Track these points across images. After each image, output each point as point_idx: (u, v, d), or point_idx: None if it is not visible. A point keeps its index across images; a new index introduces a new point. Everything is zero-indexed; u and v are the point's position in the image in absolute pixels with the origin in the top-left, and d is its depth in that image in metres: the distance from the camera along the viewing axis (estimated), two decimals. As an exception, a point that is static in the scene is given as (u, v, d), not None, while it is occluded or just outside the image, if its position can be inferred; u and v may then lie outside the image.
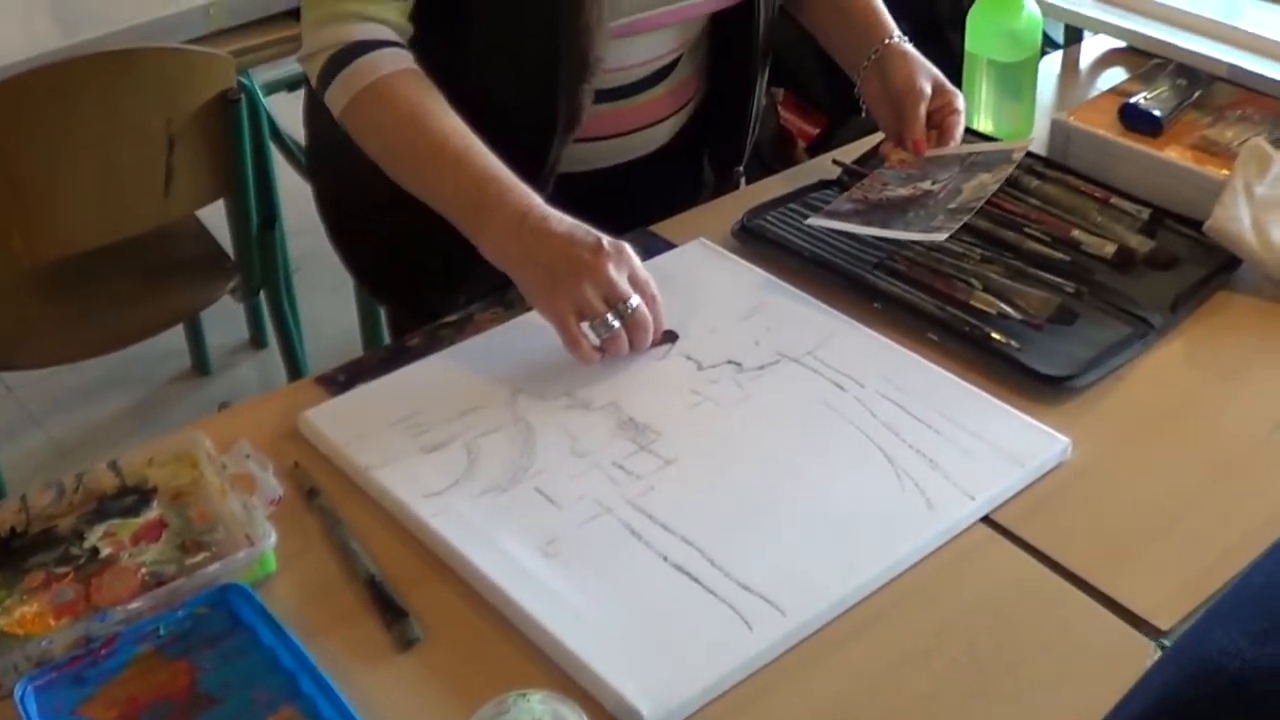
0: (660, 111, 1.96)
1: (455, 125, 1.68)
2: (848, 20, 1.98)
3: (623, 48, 1.83)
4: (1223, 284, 1.76)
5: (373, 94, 1.69)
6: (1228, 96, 2.04)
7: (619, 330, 1.55)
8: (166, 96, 2.41)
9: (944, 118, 1.86)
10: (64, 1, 2.68)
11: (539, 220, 1.59)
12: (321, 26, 1.73)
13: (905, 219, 1.73)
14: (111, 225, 2.53)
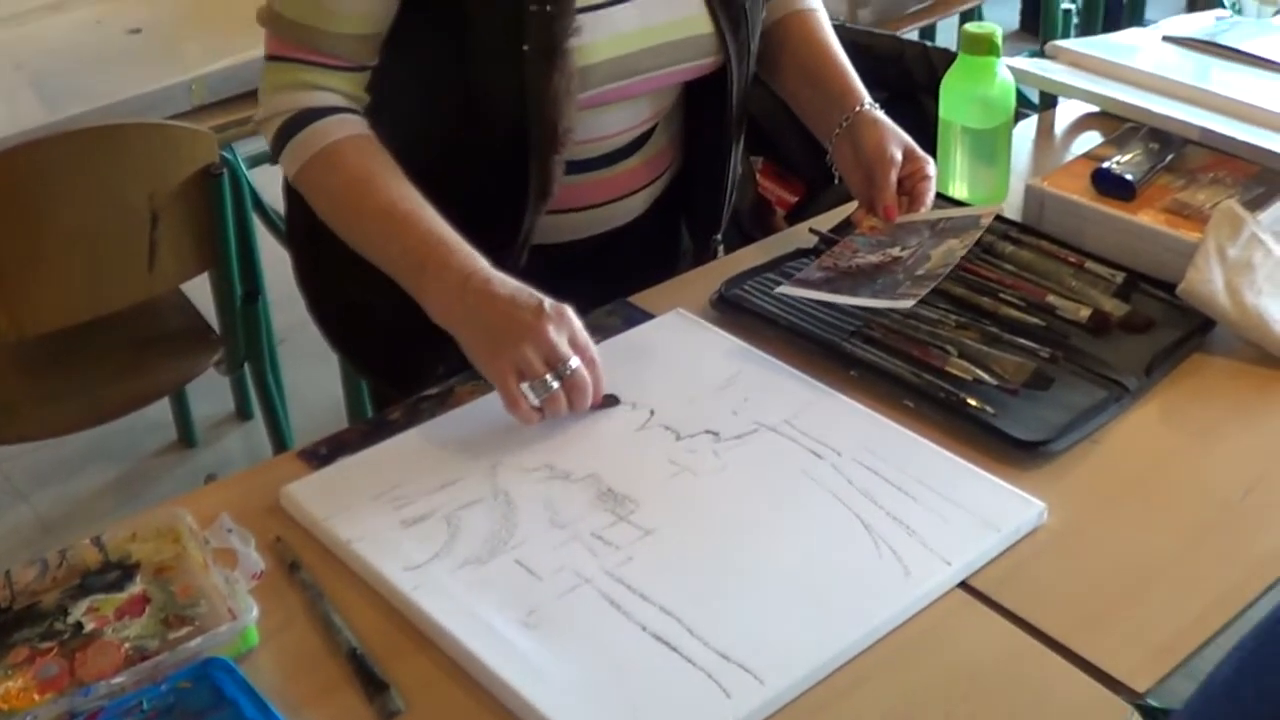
0: (636, 182, 1.98)
1: (403, 189, 1.72)
2: (820, 88, 1.99)
3: (595, 118, 1.85)
4: (1197, 346, 1.77)
5: (323, 159, 1.74)
6: (1200, 160, 2.05)
7: (558, 391, 1.58)
8: (150, 172, 2.43)
9: (915, 184, 1.87)
10: (48, 78, 2.69)
11: (482, 282, 1.62)
12: (276, 92, 1.77)
13: (873, 286, 1.75)
14: (96, 300, 2.54)
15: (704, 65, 1.89)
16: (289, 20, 1.75)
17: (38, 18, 2.93)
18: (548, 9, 1.71)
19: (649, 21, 1.82)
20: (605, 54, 1.78)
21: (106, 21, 2.88)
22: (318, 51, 1.75)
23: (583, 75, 1.77)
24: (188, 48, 2.75)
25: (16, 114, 2.59)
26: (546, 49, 1.72)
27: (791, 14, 2.05)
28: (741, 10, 1.88)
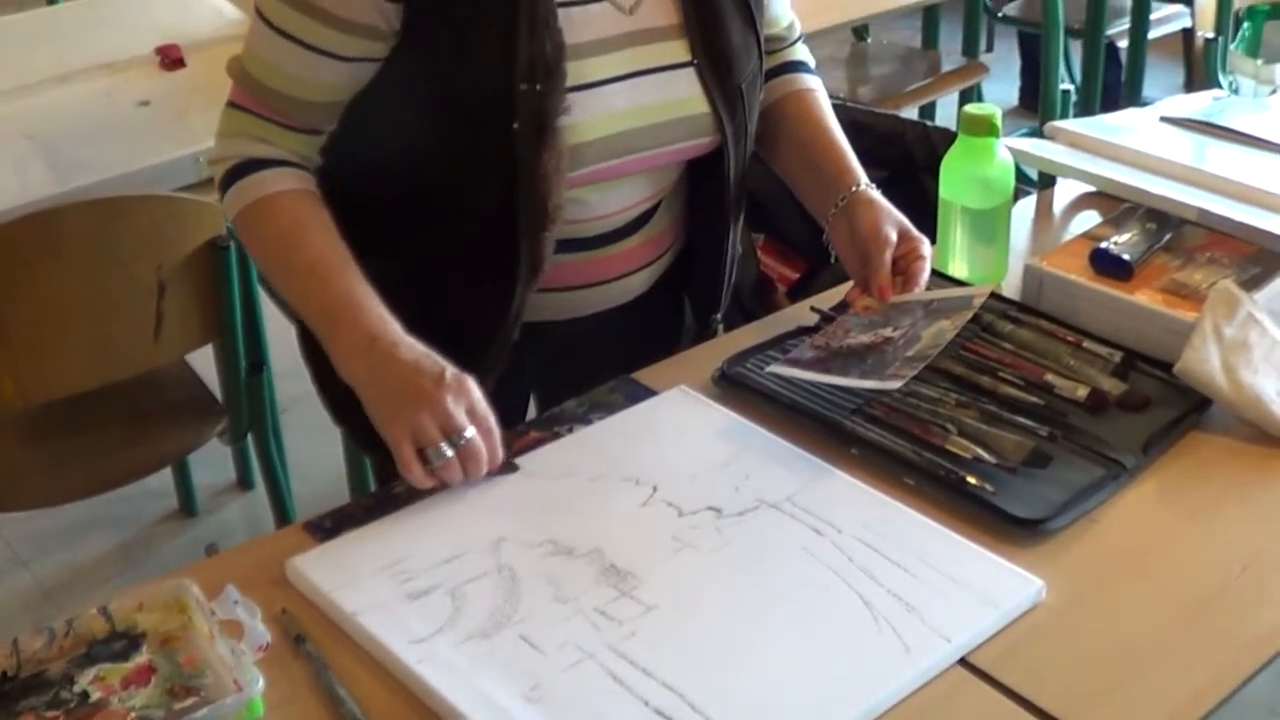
0: (636, 261, 1.99)
1: (330, 245, 1.76)
2: (816, 168, 2.01)
3: (593, 197, 1.87)
4: (1194, 425, 1.79)
5: (259, 208, 1.78)
6: (1197, 239, 2.08)
7: (452, 459, 1.61)
8: (157, 243, 2.44)
9: (909, 264, 1.87)
10: (57, 149, 2.71)
11: (389, 345, 1.66)
12: (229, 137, 1.82)
13: (863, 367, 1.76)
14: (101, 369, 2.55)
15: (701, 145, 1.91)
16: (252, 76, 1.80)
17: (48, 89, 2.95)
18: (537, 87, 1.73)
19: (642, 101, 1.83)
20: (597, 132, 1.80)
21: (116, 94, 2.91)
22: (276, 111, 1.79)
23: (574, 153, 1.78)
24: (196, 120, 2.77)
25: (26, 184, 2.60)
26: (536, 127, 1.74)
27: (791, 94, 2.07)
28: (738, 91, 1.90)
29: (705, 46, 1.87)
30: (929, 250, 1.89)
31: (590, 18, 1.80)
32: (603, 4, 1.82)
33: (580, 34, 1.78)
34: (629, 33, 1.83)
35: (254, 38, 1.80)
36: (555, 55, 1.74)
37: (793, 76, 2.09)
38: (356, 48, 1.76)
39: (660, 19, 1.86)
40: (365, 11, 1.73)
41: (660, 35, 1.85)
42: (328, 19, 1.73)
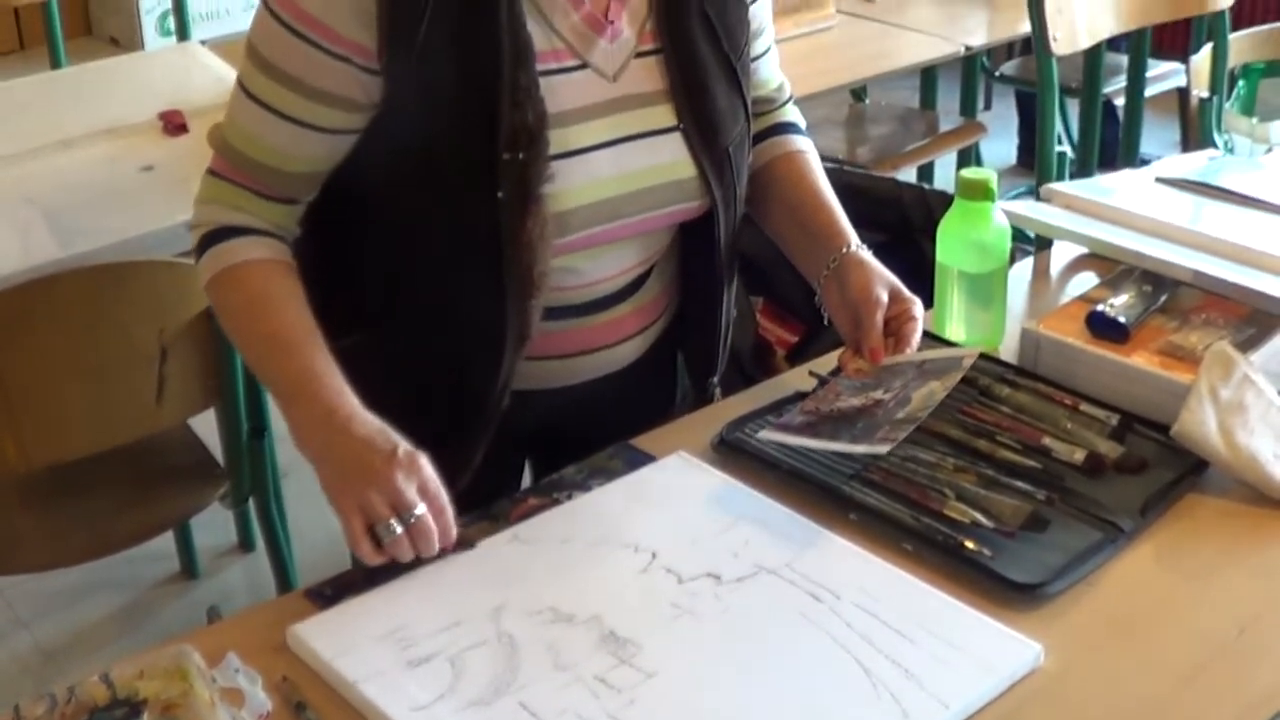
0: (628, 329, 1.99)
1: (294, 316, 1.77)
2: (808, 229, 2.01)
3: (582, 263, 1.88)
4: (1191, 486, 1.80)
5: (229, 276, 1.80)
6: (1193, 300, 2.09)
7: (401, 536, 1.60)
8: (160, 308, 2.45)
9: (901, 325, 1.87)
10: (60, 214, 2.72)
11: (344, 420, 1.67)
12: (206, 204, 1.85)
13: (853, 431, 1.76)
14: (104, 433, 2.56)
15: (689, 209, 1.92)
16: (232, 145, 1.82)
17: (51, 154, 2.96)
18: (520, 156, 1.74)
19: (628, 167, 1.84)
20: (582, 199, 1.81)
21: (119, 159, 2.93)
22: (255, 180, 1.81)
23: (560, 220, 1.79)
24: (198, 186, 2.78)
25: (29, 249, 2.62)
26: (520, 195, 1.75)
27: (781, 156, 2.08)
28: (725, 154, 1.91)
29: (691, 110, 1.88)
30: (920, 311, 1.89)
31: (573, 85, 1.82)
32: (586, 71, 1.83)
33: (563, 102, 1.80)
34: (613, 99, 1.84)
35: (234, 107, 1.82)
36: (538, 124, 1.75)
37: (783, 138, 2.10)
38: (336, 120, 1.78)
39: (645, 85, 1.87)
40: (345, 84, 1.75)
41: (645, 101, 1.87)
42: (307, 91, 1.75)
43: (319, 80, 1.75)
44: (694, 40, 1.89)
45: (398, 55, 1.73)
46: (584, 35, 1.83)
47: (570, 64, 1.82)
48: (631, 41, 1.87)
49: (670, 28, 1.88)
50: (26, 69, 4.68)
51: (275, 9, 1.75)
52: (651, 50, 1.88)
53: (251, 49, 1.79)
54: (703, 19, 1.89)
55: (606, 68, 1.85)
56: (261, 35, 1.77)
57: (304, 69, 1.74)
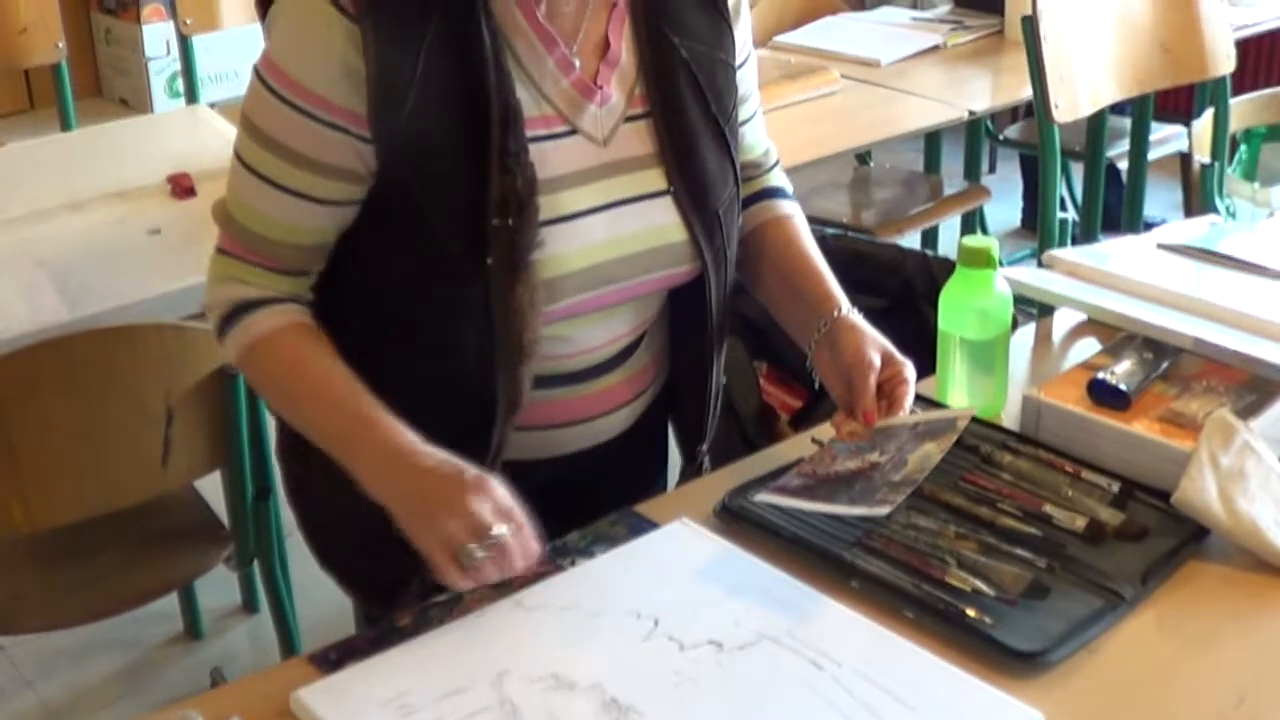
0: (619, 398, 1.99)
1: (334, 370, 1.78)
2: (799, 294, 2.01)
3: (573, 331, 1.88)
4: (1192, 554, 1.80)
5: (260, 347, 1.81)
6: (1194, 367, 2.10)
7: (483, 559, 1.61)
8: (166, 371, 2.47)
9: (893, 388, 1.87)
10: (69, 276, 2.74)
11: (407, 457, 1.68)
12: (219, 284, 1.85)
13: (850, 493, 1.77)
14: (109, 494, 2.57)
15: (680, 274, 1.92)
16: (235, 219, 1.82)
17: (60, 216, 2.98)
18: (509, 223, 1.75)
19: (619, 231, 1.85)
20: (574, 265, 1.82)
21: (127, 221, 2.94)
22: (262, 255, 1.82)
23: (551, 287, 1.80)
24: (206, 249, 2.75)
25: (38, 311, 2.63)
26: (509, 262, 1.76)
27: (769, 220, 2.09)
28: (716, 217, 1.92)
29: (681, 174, 1.89)
30: (912, 374, 1.89)
31: (563, 151, 1.83)
32: (575, 137, 1.84)
33: (553, 168, 1.81)
34: (603, 164, 1.85)
35: (234, 180, 1.83)
36: (527, 190, 1.76)
37: (771, 203, 2.11)
38: (338, 191, 1.79)
39: (635, 149, 1.88)
40: (344, 155, 1.76)
41: (635, 165, 1.88)
42: (307, 164, 1.76)
43: (318, 153, 1.76)
44: (683, 104, 1.90)
45: (387, 119, 1.73)
46: (574, 101, 1.85)
47: (560, 130, 1.83)
48: (621, 106, 1.88)
49: (659, 92, 1.89)
50: (36, 128, 4.70)
51: (268, 80, 1.76)
52: (641, 114, 1.89)
53: (247, 121, 1.79)
54: (691, 83, 1.90)
55: (596, 133, 1.86)
56: (256, 107, 1.78)
57: (302, 141, 1.75)
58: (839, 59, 4.23)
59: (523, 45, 1.81)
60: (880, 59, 4.28)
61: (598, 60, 1.87)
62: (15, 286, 2.72)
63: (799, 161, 3.45)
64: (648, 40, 1.90)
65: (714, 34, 1.94)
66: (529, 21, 1.81)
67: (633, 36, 1.90)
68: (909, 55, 4.37)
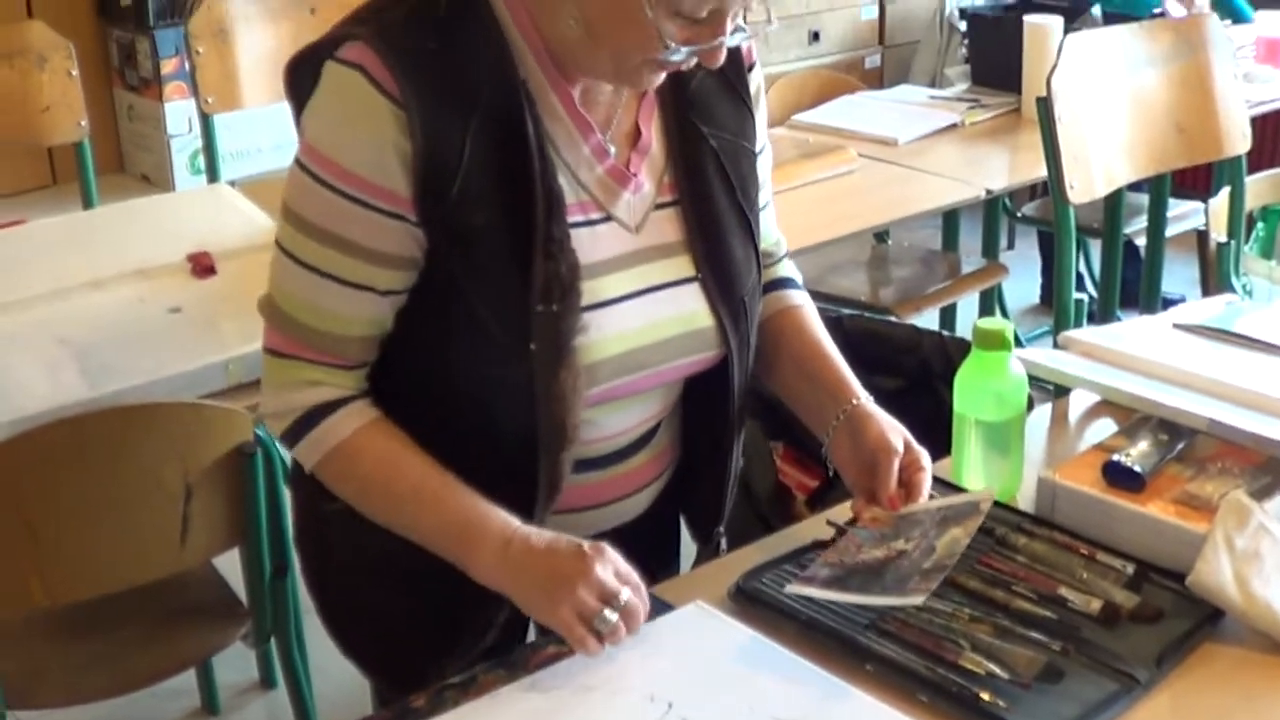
0: (640, 481, 2.01)
1: (425, 467, 1.80)
2: (815, 383, 2.03)
3: (604, 416, 1.90)
4: (1207, 636, 1.80)
5: (342, 453, 1.82)
6: (1209, 448, 2.10)
7: (616, 623, 1.66)
8: (185, 449, 2.48)
9: (911, 475, 1.90)
10: (89, 354, 2.75)
11: (522, 541, 1.73)
12: (280, 390, 1.85)
13: (882, 582, 1.78)
14: (128, 571, 2.58)
15: (707, 358, 1.94)
16: (288, 316, 1.82)
17: (81, 294, 2.99)
18: (553, 309, 1.76)
19: (652, 317, 1.87)
20: (612, 350, 1.83)
21: (148, 300, 2.95)
22: (319, 351, 1.81)
23: (590, 372, 1.81)
24: (225, 328, 2.81)
25: (58, 388, 2.64)
26: (553, 348, 1.77)
27: (782, 310, 2.11)
28: (741, 303, 1.94)
29: (709, 260, 1.92)
30: (929, 462, 1.92)
31: (599, 237, 1.84)
32: (610, 224, 1.86)
33: (592, 254, 1.82)
34: (636, 251, 1.88)
35: (283, 275, 1.82)
36: (570, 275, 1.78)
37: (783, 293, 2.13)
38: (399, 280, 1.80)
39: (665, 236, 1.90)
40: (402, 243, 1.77)
41: (665, 252, 1.90)
42: (364, 254, 1.77)
43: (377, 242, 1.76)
44: (711, 192, 1.92)
45: (434, 205, 1.75)
46: (608, 188, 1.86)
47: (596, 216, 1.85)
48: (651, 194, 1.90)
49: (688, 180, 1.92)
50: (58, 204, 4.73)
51: (314, 169, 1.76)
52: (670, 202, 1.92)
53: (293, 214, 1.79)
54: (719, 171, 1.93)
55: (629, 219, 1.88)
56: (302, 199, 1.78)
57: (359, 231, 1.75)
58: (857, 138, 4.26)
59: (560, 132, 1.83)
60: (898, 137, 4.31)
61: (629, 148, 1.89)
62: (37, 364, 2.73)
63: (817, 240, 3.47)
64: (676, 129, 1.93)
65: (738, 122, 1.97)
66: (566, 108, 1.83)
67: (662, 125, 1.93)
68: (927, 134, 4.39)
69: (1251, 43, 5.20)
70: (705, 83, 1.91)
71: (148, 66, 5.19)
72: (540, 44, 1.80)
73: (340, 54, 1.75)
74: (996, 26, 5.02)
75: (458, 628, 1.87)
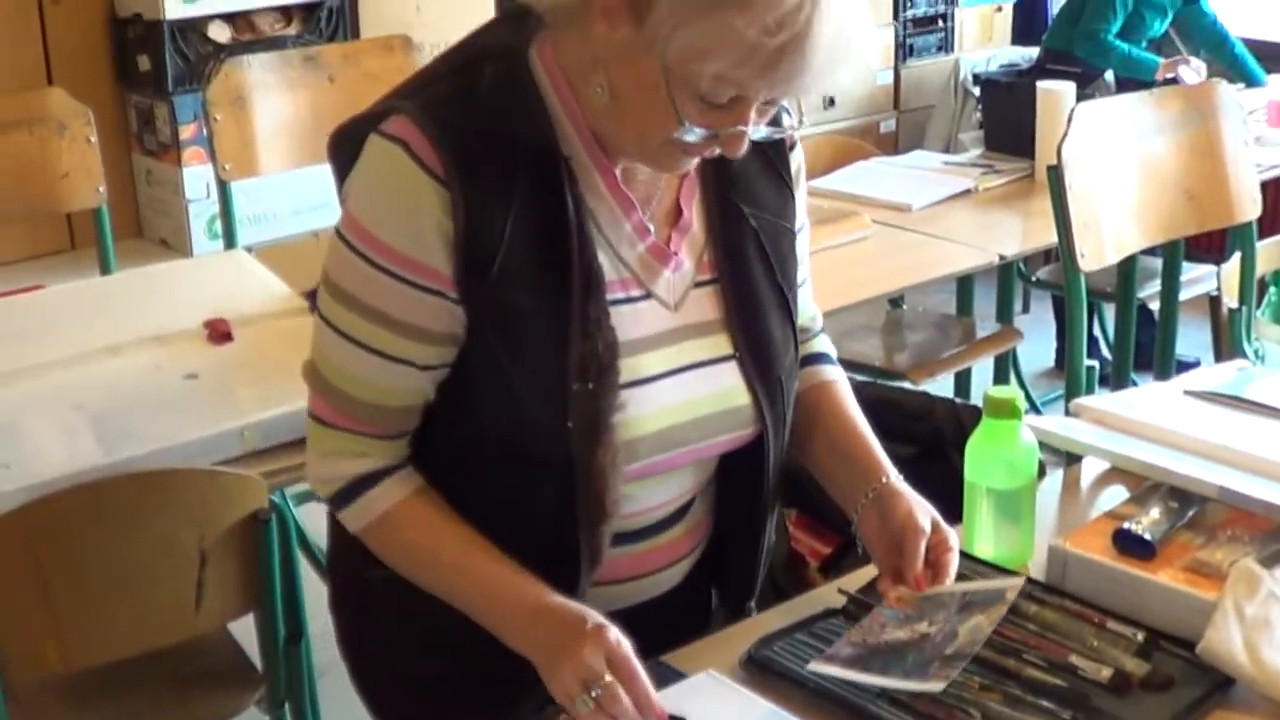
0: (675, 554, 2.02)
1: (468, 536, 1.83)
2: (846, 459, 2.04)
3: (642, 491, 1.91)
4: (1218, 704, 1.80)
5: (384, 524, 1.85)
6: (1219, 515, 2.11)
7: (595, 708, 1.66)
8: (201, 515, 2.49)
9: (939, 555, 1.90)
10: (105, 420, 2.76)
11: (545, 610, 1.77)
12: (325, 459, 1.87)
13: (904, 665, 1.78)
14: (143, 636, 2.58)
15: (743, 436, 1.95)
16: (330, 384, 1.84)
17: (98, 360, 3.00)
18: (590, 387, 1.78)
19: (689, 395, 1.88)
20: (649, 427, 1.85)
21: (164, 366, 2.97)
22: (363, 422, 1.84)
23: (629, 449, 1.82)
24: (241, 395, 2.83)
25: (75, 454, 2.65)
26: (591, 425, 1.78)
27: (816, 385, 2.12)
28: (778, 382, 1.95)
29: (746, 339, 1.93)
30: (957, 542, 1.92)
31: (639, 314, 1.86)
32: (650, 301, 1.88)
33: (631, 330, 1.84)
34: (675, 328, 1.89)
35: (326, 344, 1.84)
36: (608, 354, 1.79)
37: (818, 368, 2.14)
38: (438, 356, 1.82)
39: (704, 314, 1.92)
40: (442, 319, 1.79)
41: (704, 329, 1.91)
42: (407, 330, 1.79)
43: (417, 318, 1.78)
44: (750, 271, 1.94)
45: (474, 283, 1.76)
46: (649, 265, 1.88)
47: (637, 293, 1.87)
48: (691, 271, 1.92)
49: (727, 259, 1.93)
50: (77, 268, 4.76)
51: (356, 245, 1.78)
52: (709, 280, 1.93)
53: (335, 287, 1.81)
54: (758, 251, 1.94)
55: (669, 297, 1.90)
56: (344, 273, 1.80)
57: (399, 307, 1.78)
58: (871, 204, 4.27)
59: (602, 209, 1.85)
60: (912, 203, 4.31)
61: (669, 227, 1.91)
62: (54, 429, 2.75)
63: (832, 306, 3.45)
64: (717, 209, 1.94)
65: (779, 202, 1.98)
66: (608, 186, 1.85)
67: (703, 204, 1.94)
68: (940, 199, 4.39)
69: (1263, 106, 5.23)
70: (746, 162, 1.91)
71: (166, 132, 5.24)
72: (583, 120, 1.82)
73: (384, 127, 1.78)
74: (1010, 92, 5.04)
75: (493, 693, 1.88)
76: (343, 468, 1.85)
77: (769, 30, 1.63)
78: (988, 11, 7.53)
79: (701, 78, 1.68)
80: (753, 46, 1.64)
